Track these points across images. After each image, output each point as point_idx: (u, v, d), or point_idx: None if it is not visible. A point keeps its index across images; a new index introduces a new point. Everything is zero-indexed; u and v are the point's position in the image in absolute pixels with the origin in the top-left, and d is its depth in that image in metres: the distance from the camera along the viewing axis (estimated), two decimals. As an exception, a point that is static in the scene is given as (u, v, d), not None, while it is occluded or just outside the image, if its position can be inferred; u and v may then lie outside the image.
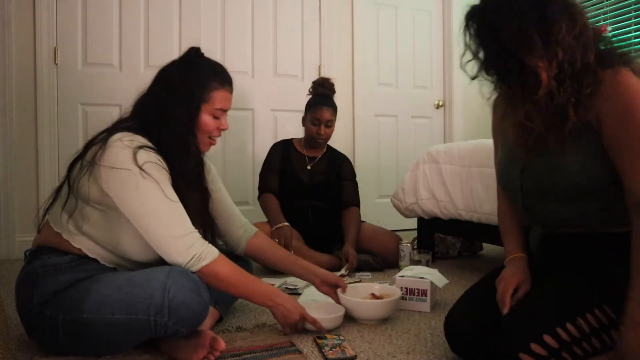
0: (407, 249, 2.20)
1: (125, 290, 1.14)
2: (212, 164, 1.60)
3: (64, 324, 1.16)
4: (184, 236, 1.21)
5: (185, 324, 1.16)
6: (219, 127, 1.38)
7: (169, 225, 1.20)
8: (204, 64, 1.35)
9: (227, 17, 3.18)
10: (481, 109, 4.67)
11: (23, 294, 1.24)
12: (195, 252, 1.21)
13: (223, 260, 1.27)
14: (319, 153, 2.56)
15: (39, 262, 1.25)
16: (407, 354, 1.30)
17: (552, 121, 1.07)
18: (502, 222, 1.35)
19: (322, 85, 2.52)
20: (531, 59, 1.01)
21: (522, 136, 1.14)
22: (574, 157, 1.08)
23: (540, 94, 1.04)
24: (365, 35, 3.60)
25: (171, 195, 1.22)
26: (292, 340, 1.39)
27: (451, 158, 2.34)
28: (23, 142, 2.69)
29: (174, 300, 1.12)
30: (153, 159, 1.21)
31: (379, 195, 3.64)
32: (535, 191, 1.18)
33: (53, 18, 2.75)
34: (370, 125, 3.66)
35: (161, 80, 1.33)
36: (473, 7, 1.09)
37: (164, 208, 1.20)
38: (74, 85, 2.79)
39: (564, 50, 1.01)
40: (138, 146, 1.20)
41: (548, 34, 1.00)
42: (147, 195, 1.18)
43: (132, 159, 1.18)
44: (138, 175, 1.17)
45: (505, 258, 1.28)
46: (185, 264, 1.20)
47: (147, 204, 1.18)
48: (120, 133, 1.23)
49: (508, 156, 1.26)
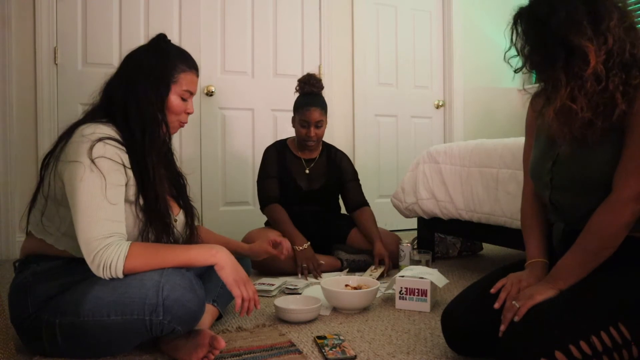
0: (407, 249, 2.20)
1: (119, 292, 1.13)
2: (212, 164, 1.60)
3: (62, 329, 1.16)
4: (97, 239, 1.13)
5: (180, 322, 1.15)
6: (186, 110, 1.39)
7: (90, 224, 1.13)
8: (172, 48, 1.37)
9: (227, 17, 3.18)
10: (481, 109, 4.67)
11: (17, 304, 1.24)
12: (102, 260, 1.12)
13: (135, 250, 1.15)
14: (315, 154, 2.49)
15: (29, 271, 1.25)
16: (407, 354, 1.30)
17: (599, 107, 1.08)
18: (526, 226, 1.33)
19: (307, 83, 2.39)
20: (580, 40, 1.04)
21: (565, 122, 1.11)
22: (606, 151, 1.10)
23: (587, 73, 1.05)
24: (365, 35, 3.60)
25: (111, 197, 1.16)
26: (292, 340, 1.39)
27: (451, 158, 2.34)
28: (23, 142, 2.69)
29: (168, 298, 1.12)
30: (109, 153, 1.18)
31: (379, 195, 3.64)
32: (565, 185, 1.18)
33: (53, 18, 2.75)
34: (370, 125, 3.66)
35: (130, 63, 1.33)
36: (521, 7, 1.15)
37: (94, 205, 1.14)
38: (74, 85, 2.78)
39: (613, 39, 1.04)
40: (97, 139, 1.18)
41: (598, 23, 1.05)
42: (87, 189, 1.14)
43: (87, 151, 1.16)
44: (87, 167, 1.15)
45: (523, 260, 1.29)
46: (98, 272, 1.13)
47: (82, 197, 1.14)
48: (84, 125, 1.22)
49: (542, 151, 1.27)
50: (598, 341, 0.97)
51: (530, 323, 1.03)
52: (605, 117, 1.07)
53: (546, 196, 1.25)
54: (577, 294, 1.07)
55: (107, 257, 1.12)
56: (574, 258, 1.12)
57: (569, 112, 1.08)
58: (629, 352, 0.99)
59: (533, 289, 1.11)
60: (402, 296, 1.71)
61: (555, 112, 1.10)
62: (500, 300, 1.14)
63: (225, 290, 1.45)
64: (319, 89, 2.41)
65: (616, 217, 1.07)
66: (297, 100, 2.41)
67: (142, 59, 1.32)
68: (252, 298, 1.25)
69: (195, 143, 3.10)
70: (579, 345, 0.96)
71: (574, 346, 0.96)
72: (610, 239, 1.08)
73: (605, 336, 0.97)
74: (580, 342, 0.96)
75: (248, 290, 1.25)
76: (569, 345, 0.96)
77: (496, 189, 2.05)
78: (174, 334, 1.18)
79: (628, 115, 1.06)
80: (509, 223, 1.98)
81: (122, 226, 1.18)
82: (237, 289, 1.23)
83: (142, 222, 1.25)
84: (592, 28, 1.04)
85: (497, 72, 4.04)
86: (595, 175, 1.12)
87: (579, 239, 1.12)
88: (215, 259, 1.22)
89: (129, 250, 1.14)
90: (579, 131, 1.10)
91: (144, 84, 1.28)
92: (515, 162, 1.95)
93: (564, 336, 0.97)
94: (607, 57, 1.05)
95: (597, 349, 0.96)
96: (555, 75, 1.08)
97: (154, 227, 1.26)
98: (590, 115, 1.07)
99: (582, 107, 1.07)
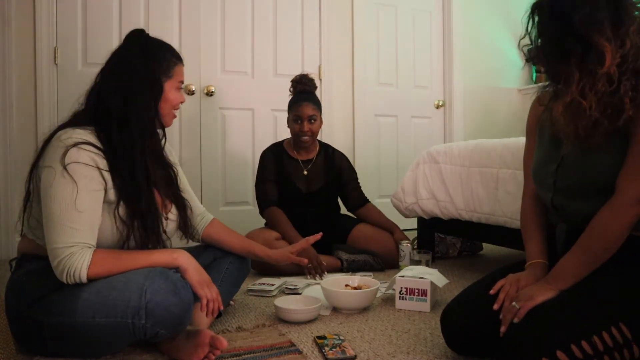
0: (407, 249, 2.20)
1: (104, 294, 1.13)
2: (212, 164, 1.60)
3: (49, 328, 1.16)
4: (61, 248, 1.13)
5: (163, 326, 1.15)
6: (180, 99, 1.41)
7: (55, 231, 1.14)
8: (158, 43, 1.38)
9: (227, 17, 3.17)
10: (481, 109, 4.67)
11: (10, 302, 1.25)
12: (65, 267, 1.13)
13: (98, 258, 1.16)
14: (312, 154, 2.48)
15: (23, 270, 1.26)
16: (407, 354, 1.30)
17: (607, 108, 1.07)
18: (526, 227, 1.33)
19: (300, 82, 2.42)
20: (599, 39, 1.04)
21: (572, 119, 1.11)
22: (611, 156, 1.10)
23: (601, 72, 1.05)
24: (365, 35, 3.60)
25: (80, 204, 1.15)
26: (292, 340, 1.39)
27: (451, 158, 2.34)
28: (23, 142, 2.69)
29: (150, 301, 1.12)
30: (83, 158, 1.18)
31: (379, 195, 3.63)
32: (568, 188, 1.18)
33: (53, 18, 2.75)
34: (370, 125, 3.66)
35: (120, 67, 1.31)
36: None
37: (61, 213, 1.14)
38: (74, 85, 2.78)
39: (630, 44, 1.05)
40: (73, 144, 1.17)
41: (619, 26, 1.05)
42: (56, 195, 1.15)
43: (60, 157, 1.16)
44: (59, 173, 1.15)
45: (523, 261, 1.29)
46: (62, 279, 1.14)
47: (50, 204, 1.15)
48: (62, 130, 1.22)
49: (545, 153, 1.27)
50: (599, 341, 0.97)
51: (532, 323, 1.03)
52: (611, 120, 1.07)
53: (548, 198, 1.24)
54: (579, 294, 1.07)
55: (70, 264, 1.13)
56: (575, 258, 1.12)
57: (577, 108, 1.08)
58: (630, 352, 0.99)
59: (533, 290, 1.11)
60: (402, 296, 1.72)
61: (565, 107, 1.10)
62: (499, 301, 1.14)
63: (223, 289, 1.45)
64: (311, 87, 2.43)
65: (619, 219, 1.07)
66: (291, 99, 2.45)
67: (132, 60, 1.30)
68: (216, 299, 1.27)
69: (195, 143, 3.10)
70: (581, 345, 0.96)
71: (575, 346, 0.96)
72: (612, 241, 1.08)
73: (607, 336, 0.98)
74: (582, 341, 0.97)
75: (212, 291, 1.26)
76: (571, 344, 0.96)
77: (496, 189, 2.05)
78: (158, 337, 1.18)
79: (634, 120, 1.06)
80: (509, 223, 1.98)
81: (88, 234, 1.17)
82: (202, 290, 1.25)
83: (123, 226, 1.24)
84: (612, 29, 1.05)
85: (497, 72, 4.04)
86: (600, 179, 1.12)
87: (580, 239, 1.12)
88: (178, 262, 1.24)
89: (92, 258, 1.15)
90: (584, 130, 1.10)
91: (142, 91, 1.29)
92: (515, 162, 1.95)
93: (566, 336, 0.98)
94: (622, 61, 1.05)
95: (599, 349, 0.97)
96: (569, 70, 1.08)
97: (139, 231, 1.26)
98: (598, 115, 1.07)
99: (592, 105, 1.06)
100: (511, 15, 3.97)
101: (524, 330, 1.03)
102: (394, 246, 2.28)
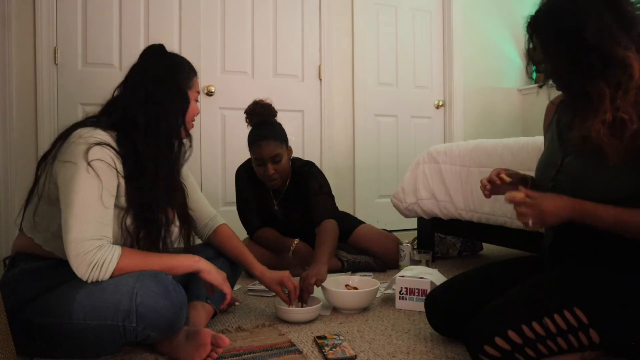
0: (407, 249, 2.20)
1: (95, 296, 1.12)
2: (212, 164, 1.61)
3: (40, 329, 1.16)
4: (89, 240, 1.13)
5: (155, 328, 1.15)
6: (197, 111, 1.45)
7: (82, 224, 1.13)
8: (178, 57, 1.41)
9: (227, 17, 3.17)
10: (481, 109, 4.66)
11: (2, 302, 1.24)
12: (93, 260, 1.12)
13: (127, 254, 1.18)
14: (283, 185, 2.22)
15: (17, 270, 1.25)
16: (407, 354, 1.30)
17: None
18: None
19: (254, 113, 2.05)
20: (617, 49, 1.02)
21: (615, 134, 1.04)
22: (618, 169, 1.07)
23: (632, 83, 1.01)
24: (365, 35, 3.60)
25: (106, 200, 1.17)
26: (292, 340, 1.39)
27: (451, 158, 2.34)
28: (23, 142, 2.69)
29: (141, 304, 1.11)
30: (106, 157, 1.18)
31: (379, 195, 3.64)
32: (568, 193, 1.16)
33: (53, 18, 2.75)
34: (370, 125, 3.66)
35: (145, 77, 1.32)
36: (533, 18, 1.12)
37: (89, 206, 1.14)
38: (74, 85, 2.79)
39: None
40: (95, 142, 1.18)
41: (628, 29, 1.03)
42: (82, 189, 1.14)
43: (84, 153, 1.16)
44: (82, 169, 1.15)
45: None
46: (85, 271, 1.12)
47: (76, 197, 1.13)
48: (83, 128, 1.21)
49: (548, 156, 1.28)
50: (551, 323, 1.03)
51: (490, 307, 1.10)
52: None
53: None
54: (537, 281, 1.13)
55: (100, 256, 1.13)
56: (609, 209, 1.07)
57: (620, 123, 1.03)
58: (587, 336, 1.03)
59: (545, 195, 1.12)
60: (402, 296, 1.72)
61: (606, 125, 1.03)
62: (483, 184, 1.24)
63: None
64: (269, 116, 2.07)
65: None
66: (248, 136, 2.09)
67: (160, 74, 1.32)
68: (231, 293, 1.38)
69: (195, 143, 3.04)
70: (532, 325, 1.03)
71: (526, 326, 1.03)
72: None
73: (559, 318, 1.03)
74: (533, 322, 1.03)
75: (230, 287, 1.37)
76: (522, 325, 1.03)
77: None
78: (150, 339, 1.18)
79: None
80: (509, 223, 1.97)
81: (111, 231, 1.19)
82: (227, 288, 1.34)
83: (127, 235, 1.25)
84: (625, 35, 1.02)
85: (497, 72, 4.04)
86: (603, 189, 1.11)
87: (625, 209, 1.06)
88: (199, 265, 1.30)
89: (122, 252, 1.17)
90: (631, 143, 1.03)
91: (172, 101, 1.31)
92: (515, 162, 1.95)
93: (518, 317, 1.04)
94: None
95: (551, 330, 1.02)
96: (597, 86, 1.04)
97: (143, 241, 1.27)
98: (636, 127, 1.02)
99: (632, 117, 1.02)
100: (511, 15, 3.97)
101: (482, 315, 1.10)
102: (396, 249, 2.28)
